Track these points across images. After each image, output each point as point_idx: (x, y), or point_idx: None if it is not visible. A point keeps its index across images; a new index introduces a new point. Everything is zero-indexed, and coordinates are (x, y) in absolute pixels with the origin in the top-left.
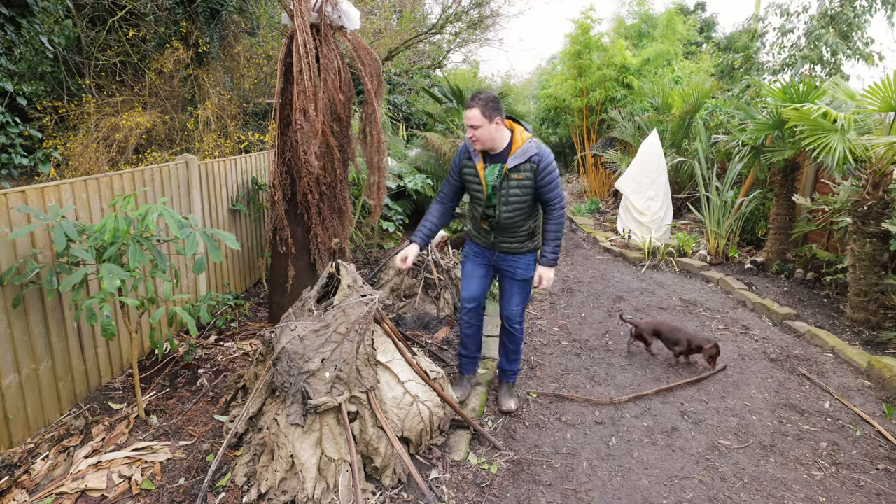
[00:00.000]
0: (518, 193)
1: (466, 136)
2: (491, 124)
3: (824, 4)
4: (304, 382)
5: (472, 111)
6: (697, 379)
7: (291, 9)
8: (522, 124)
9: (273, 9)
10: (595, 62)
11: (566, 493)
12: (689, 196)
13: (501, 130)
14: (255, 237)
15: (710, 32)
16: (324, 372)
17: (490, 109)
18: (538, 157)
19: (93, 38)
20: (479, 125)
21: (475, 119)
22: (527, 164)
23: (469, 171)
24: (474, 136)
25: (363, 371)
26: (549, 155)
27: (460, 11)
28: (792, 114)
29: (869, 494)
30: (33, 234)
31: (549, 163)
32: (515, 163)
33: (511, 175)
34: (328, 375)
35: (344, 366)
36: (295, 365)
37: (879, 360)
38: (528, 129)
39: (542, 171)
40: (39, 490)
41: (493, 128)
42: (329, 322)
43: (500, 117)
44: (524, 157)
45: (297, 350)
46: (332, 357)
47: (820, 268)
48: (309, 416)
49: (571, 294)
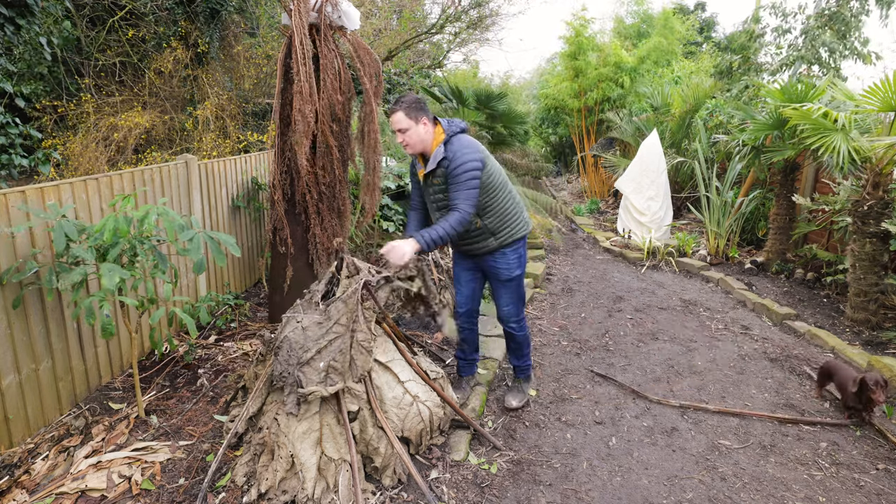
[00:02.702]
0: (441, 198)
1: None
2: (418, 125)
3: (821, 5)
4: (299, 371)
5: (397, 115)
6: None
7: (290, 8)
8: (443, 123)
9: (273, 9)
10: (592, 62)
11: (566, 493)
12: (689, 196)
13: (430, 132)
14: (255, 237)
15: (710, 32)
16: (318, 362)
17: (414, 111)
18: (447, 160)
19: (92, 38)
20: (406, 128)
21: (401, 122)
22: (439, 168)
23: (416, 179)
24: (404, 141)
25: (358, 359)
26: (465, 155)
27: (460, 11)
28: (793, 114)
29: (869, 494)
30: (33, 233)
31: (457, 165)
32: (430, 168)
33: (431, 180)
34: (322, 365)
35: (339, 355)
36: (294, 355)
37: (879, 360)
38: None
39: (450, 171)
40: (39, 490)
41: (421, 129)
42: (332, 314)
43: (427, 118)
44: (435, 162)
45: (297, 340)
46: (330, 347)
47: (820, 268)
48: (306, 409)
49: (571, 294)
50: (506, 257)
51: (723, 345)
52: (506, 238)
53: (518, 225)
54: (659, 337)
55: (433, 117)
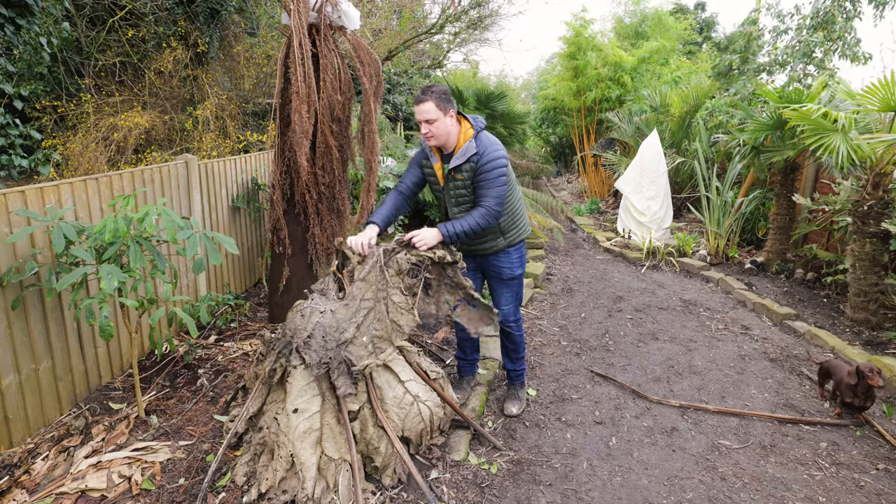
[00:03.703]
0: (465, 193)
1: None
2: (446, 118)
3: (816, 6)
4: (345, 352)
5: (426, 104)
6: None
7: (290, 8)
8: (470, 119)
9: (273, 9)
10: (591, 62)
11: (566, 493)
12: (689, 196)
13: (456, 125)
14: (255, 237)
15: (710, 32)
16: (361, 336)
17: (444, 101)
18: (478, 155)
19: (92, 39)
20: (434, 119)
21: (430, 112)
22: (467, 163)
23: (428, 170)
24: (430, 133)
25: (400, 319)
26: (495, 151)
27: (460, 11)
28: (792, 114)
29: (869, 494)
30: (33, 234)
31: (488, 161)
32: (457, 163)
33: (455, 175)
34: (366, 339)
35: (378, 324)
36: (332, 338)
37: (879, 360)
38: (476, 124)
39: (480, 168)
40: (39, 490)
41: (448, 122)
42: (355, 294)
43: (454, 111)
44: (464, 157)
45: (331, 324)
46: (367, 321)
47: (820, 268)
48: (307, 409)
49: (571, 294)
50: (509, 257)
51: (723, 345)
52: (514, 237)
53: (524, 225)
54: (659, 337)
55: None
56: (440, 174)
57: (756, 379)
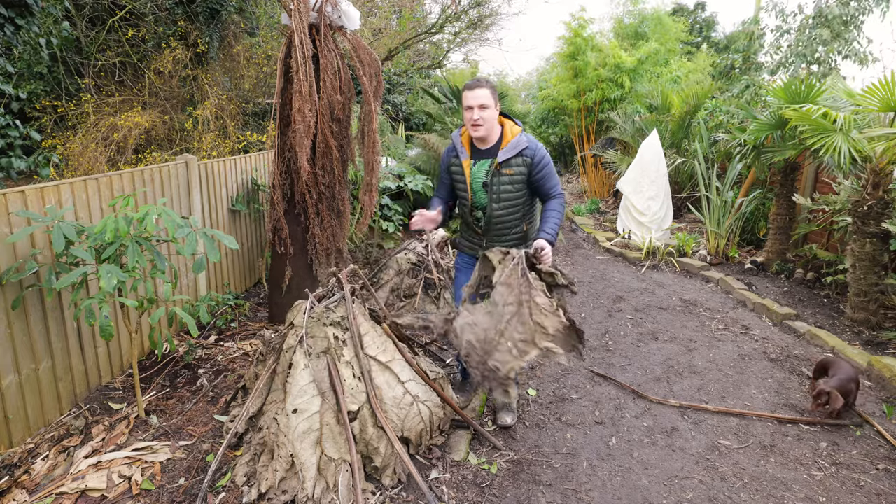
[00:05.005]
0: (510, 189)
1: (456, 133)
2: (494, 109)
3: (819, 5)
4: (492, 360)
5: (482, 90)
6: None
7: (290, 8)
8: (513, 119)
9: (273, 9)
10: (591, 63)
11: (566, 493)
12: (689, 196)
13: (498, 119)
14: (255, 237)
15: (709, 32)
16: (505, 343)
17: (495, 93)
18: (531, 150)
19: (92, 39)
20: (488, 105)
21: (485, 98)
22: (518, 157)
23: (455, 168)
24: (481, 119)
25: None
26: (542, 147)
27: (460, 11)
28: (793, 114)
29: (869, 494)
30: (33, 234)
31: (542, 155)
32: (506, 156)
33: (502, 170)
34: (509, 345)
35: (521, 327)
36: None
37: (879, 360)
38: (519, 124)
39: (537, 165)
40: (39, 490)
41: (495, 113)
42: (497, 300)
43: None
44: (515, 150)
45: (479, 338)
46: (509, 328)
47: (820, 268)
48: (307, 408)
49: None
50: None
51: (723, 345)
52: (530, 231)
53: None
54: (659, 337)
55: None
56: (468, 171)
57: (756, 379)
